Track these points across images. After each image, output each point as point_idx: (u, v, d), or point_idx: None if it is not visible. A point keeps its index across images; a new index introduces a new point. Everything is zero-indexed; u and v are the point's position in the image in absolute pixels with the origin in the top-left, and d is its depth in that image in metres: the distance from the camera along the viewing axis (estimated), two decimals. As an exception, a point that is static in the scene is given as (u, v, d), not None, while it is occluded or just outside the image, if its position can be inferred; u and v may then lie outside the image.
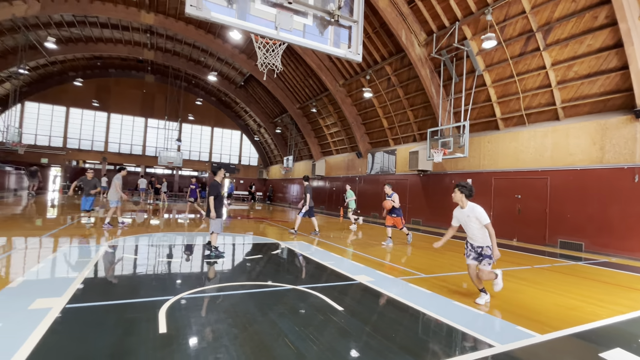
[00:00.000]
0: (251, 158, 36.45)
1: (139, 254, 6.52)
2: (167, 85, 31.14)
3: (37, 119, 28.29)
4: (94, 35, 23.16)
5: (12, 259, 5.63)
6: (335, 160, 22.84)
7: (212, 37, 21.77)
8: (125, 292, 4.29)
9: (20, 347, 2.63)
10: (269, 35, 3.50)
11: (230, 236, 9.47)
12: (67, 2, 18.50)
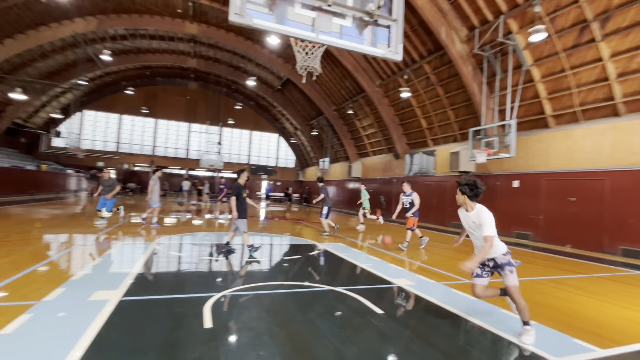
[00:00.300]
0: (288, 160, 37.07)
1: (184, 252, 6.85)
2: (209, 91, 32.55)
3: (94, 126, 30.75)
4: (143, 46, 24.78)
5: (75, 254, 6.14)
6: (372, 162, 22.59)
7: (251, 43, 22.46)
8: (173, 288, 4.52)
9: (82, 336, 2.86)
10: (308, 39, 3.55)
11: (268, 236, 9.67)
12: (120, 17, 19.97)
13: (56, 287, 4.03)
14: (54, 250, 6.41)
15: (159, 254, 6.46)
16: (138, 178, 31.48)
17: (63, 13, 18.23)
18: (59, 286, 4.09)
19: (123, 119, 31.55)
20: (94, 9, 18.88)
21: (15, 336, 2.79)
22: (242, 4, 3.18)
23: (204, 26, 21.41)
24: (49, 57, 21.93)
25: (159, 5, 19.59)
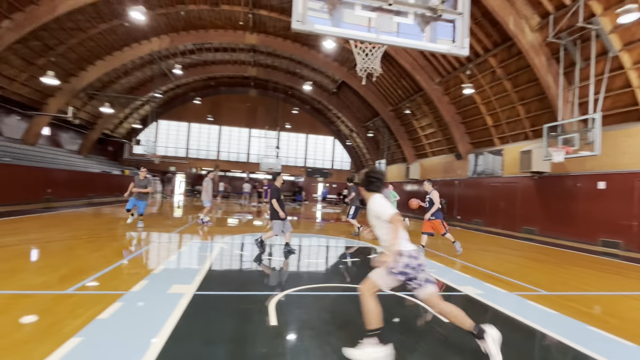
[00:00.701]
0: (343, 162, 37.16)
1: (246, 252, 7.19)
2: (267, 97, 33.96)
3: (167, 134, 33.80)
4: (209, 59, 26.68)
5: (154, 251, 6.78)
6: (431, 163, 21.69)
7: (307, 48, 22.96)
8: (239, 285, 4.77)
9: (164, 324, 3.14)
10: (368, 40, 3.52)
11: (325, 238, 9.75)
12: (189, 34, 21.75)
13: (141, 280, 4.48)
14: (136, 247, 7.15)
15: (225, 253, 6.87)
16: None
17: (142, 34, 20.38)
18: (143, 279, 4.54)
19: (191, 127, 34.23)
20: (167, 28, 20.81)
21: (111, 321, 3.15)
22: (303, 12, 3.27)
23: (262, 36, 22.42)
24: (130, 74, 24.65)
25: (222, 19, 20.95)
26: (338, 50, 20.92)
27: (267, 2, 19.03)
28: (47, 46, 17.11)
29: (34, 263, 5.33)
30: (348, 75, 23.30)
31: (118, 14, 17.70)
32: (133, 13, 13.73)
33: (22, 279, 4.35)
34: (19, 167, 15.24)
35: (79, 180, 20.11)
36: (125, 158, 31.94)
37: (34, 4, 14.44)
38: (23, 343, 2.67)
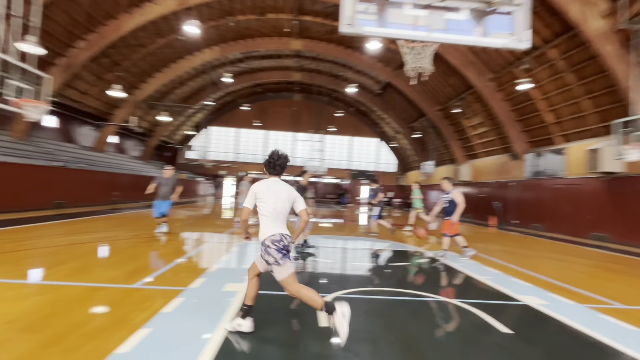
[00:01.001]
0: (389, 164, 36.50)
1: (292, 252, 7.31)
2: (312, 101, 34.44)
3: (217, 139, 35.58)
4: (256, 66, 27.69)
5: (208, 250, 7.15)
6: (483, 164, 20.54)
7: (351, 51, 22.95)
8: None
9: (221, 318, 3.29)
10: (420, 39, 3.44)
11: (370, 241, 9.63)
12: (238, 43, 22.76)
13: (198, 277, 4.75)
14: (193, 246, 7.59)
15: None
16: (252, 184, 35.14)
17: (195, 46, 21.70)
18: (200, 276, 4.81)
19: (240, 132, 35.72)
20: (217, 39, 21.96)
21: (174, 314, 3.38)
22: (352, 15, 3.27)
23: (307, 41, 22.81)
24: (185, 84, 26.35)
25: (268, 27, 21.65)
26: (382, 51, 20.61)
27: (311, 7, 19.34)
28: (114, 62, 18.86)
29: (105, 259, 5.87)
30: (393, 76, 22.91)
31: (174, 29, 19.03)
32: (187, 27, 14.67)
33: (96, 273, 4.81)
34: (91, 172, 16.92)
35: (141, 183, 21.76)
36: (180, 163, 34.13)
37: (104, 24, 16.00)
38: (101, 330, 2.94)
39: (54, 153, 16.47)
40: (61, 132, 19.29)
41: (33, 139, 16.61)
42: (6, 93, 7.99)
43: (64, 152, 17.69)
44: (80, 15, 14.76)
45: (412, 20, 3.54)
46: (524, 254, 8.81)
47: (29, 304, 3.49)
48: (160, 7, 16.36)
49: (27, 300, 3.61)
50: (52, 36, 14.29)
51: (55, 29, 14.20)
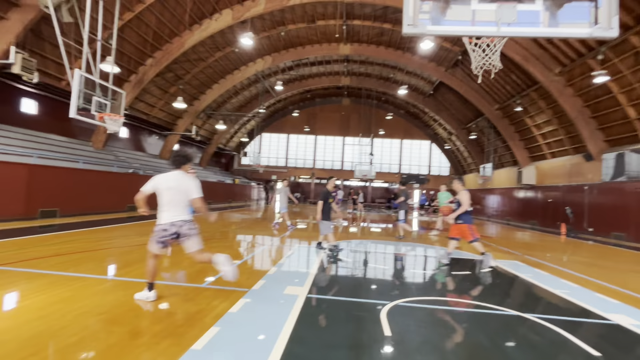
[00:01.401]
0: (442, 168, 35.03)
1: (348, 258, 7.25)
2: (360, 105, 34.27)
3: (269, 145, 36.80)
4: (305, 73, 28.27)
5: (267, 253, 7.36)
6: (551, 166, 18.85)
7: (401, 52, 22.50)
8: (347, 291, 4.82)
9: (285, 322, 3.34)
10: (489, 34, 3.23)
11: (422, 247, 9.24)
12: (289, 52, 23.42)
13: (259, 279, 4.89)
14: (252, 249, 7.87)
15: (327, 258, 7.06)
16: (302, 188, 35.77)
17: (249, 57, 22.74)
18: (261, 279, 4.95)
19: (290, 138, 36.62)
20: (269, 49, 22.80)
21: (240, 315, 3.50)
22: (415, 15, 3.17)
23: (355, 45, 22.81)
24: (239, 94, 27.69)
25: (318, 34, 22.01)
26: (435, 50, 19.93)
27: (360, 11, 19.32)
28: (177, 76, 20.39)
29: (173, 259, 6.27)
30: (446, 75, 22.02)
31: (230, 41, 20.12)
32: (243, 39, 15.41)
33: (167, 272, 5.17)
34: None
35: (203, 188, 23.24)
36: (235, 168, 35.84)
37: (169, 42, 17.40)
38: (176, 327, 3.14)
39: (126, 161, 18.19)
40: (132, 142, 21.26)
41: (109, 148, 18.50)
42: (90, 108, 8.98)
43: (135, 159, 19.46)
44: (148, 35, 16.20)
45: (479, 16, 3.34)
46: (606, 266, 7.88)
47: (114, 298, 3.83)
48: (217, 23, 17.41)
49: (112, 294, 3.98)
50: (125, 55, 15.84)
51: (128, 49, 15.73)
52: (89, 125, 16.35)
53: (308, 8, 19.03)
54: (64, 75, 14.23)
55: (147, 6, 14.64)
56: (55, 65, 13.75)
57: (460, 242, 7.15)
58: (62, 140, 15.28)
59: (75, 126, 16.26)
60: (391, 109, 34.45)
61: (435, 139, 34.59)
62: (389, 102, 33.74)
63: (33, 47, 12.43)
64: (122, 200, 14.36)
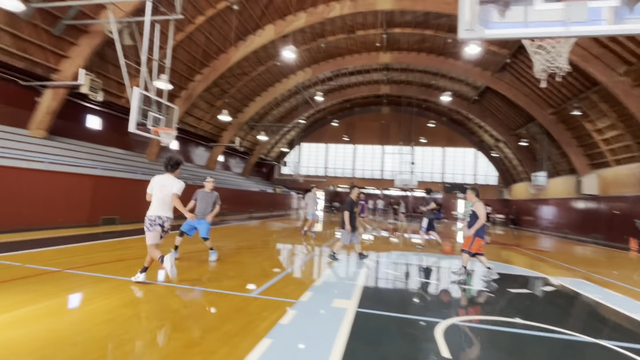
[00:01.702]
0: (488, 177, 33.28)
1: (393, 269, 7.02)
2: (400, 113, 33.72)
3: (308, 155, 37.23)
4: (344, 83, 28.41)
5: (310, 263, 7.34)
6: (615, 174, 17.19)
7: (443, 58, 21.90)
8: (397, 306, 4.64)
9: (335, 339, 3.26)
10: (555, 35, 3.01)
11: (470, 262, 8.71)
12: (328, 63, 23.71)
13: (306, 290, 4.87)
14: (291, 259, 7.91)
15: (373, 270, 6.89)
16: (340, 198, 35.67)
17: (289, 69, 23.33)
18: (307, 290, 4.93)
19: (329, 148, 36.81)
20: (309, 61, 23.24)
21: (291, 327, 3.48)
22: (471, 19, 3.04)
23: (396, 53, 22.57)
24: (280, 105, 28.42)
25: (357, 44, 22.09)
26: (480, 54, 19.13)
27: (401, 19, 19.14)
28: (223, 90, 21.38)
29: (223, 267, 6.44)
30: (493, 80, 21.06)
31: (272, 55, 20.79)
32: (285, 52, 15.83)
33: (218, 280, 5.30)
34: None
35: (244, 197, 23.98)
36: (275, 178, 36.62)
37: (215, 59, 18.34)
38: (231, 336, 3.18)
39: (176, 171, 19.25)
40: (181, 153, 22.49)
41: (162, 160, 19.71)
42: (147, 123, 9.64)
43: (184, 170, 20.54)
44: (197, 53, 17.19)
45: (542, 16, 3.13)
46: None
47: (172, 304, 3.99)
48: (261, 38, 18.09)
49: (170, 300, 4.14)
50: (177, 73, 16.90)
51: (179, 67, 16.78)
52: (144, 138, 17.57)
53: (348, 19, 19.20)
54: (123, 93, 15.48)
55: (197, 26, 15.57)
56: (116, 84, 14.99)
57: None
58: (121, 152, 16.54)
59: (132, 139, 17.54)
60: (432, 116, 33.51)
61: (481, 147, 33.03)
62: (430, 109, 32.87)
63: (98, 69, 13.66)
64: (174, 209, 15.15)
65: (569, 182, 20.57)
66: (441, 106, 30.64)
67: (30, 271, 5.03)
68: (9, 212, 8.98)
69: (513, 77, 20.47)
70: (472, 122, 30.82)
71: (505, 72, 20.54)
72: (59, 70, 12.28)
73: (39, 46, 11.49)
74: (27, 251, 6.54)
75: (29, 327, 3.12)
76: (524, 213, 27.26)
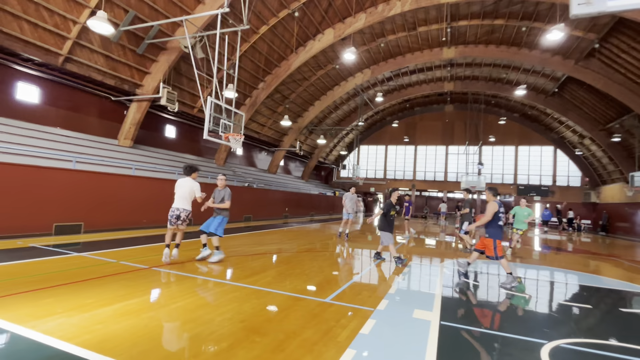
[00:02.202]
0: (570, 177, 29.74)
1: (474, 279, 6.42)
2: (466, 111, 31.70)
3: (367, 157, 36.70)
4: (405, 82, 27.51)
5: (378, 268, 7.05)
6: None
7: (516, 49, 20.10)
8: (485, 320, 4.18)
9: (426, 354, 2.98)
10: None
11: (575, 275, 7.65)
12: (388, 63, 23.14)
13: (382, 298, 4.62)
14: (358, 262, 7.67)
15: (449, 277, 6.38)
16: (399, 201, 34.57)
17: (348, 72, 23.23)
18: (383, 297, 4.67)
19: (388, 149, 35.92)
20: (368, 62, 22.91)
21: (373, 338, 3.28)
22: (590, -12, 2.59)
23: (461, 47, 21.26)
24: (339, 109, 28.43)
25: (419, 41, 21.22)
26: (561, 41, 17.17)
27: (467, 10, 17.98)
28: (284, 96, 21.98)
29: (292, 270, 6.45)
30: (577, 69, 18.80)
31: (331, 59, 20.88)
32: (346, 54, 15.74)
33: (291, 283, 5.28)
34: (268, 191, 19.87)
35: (305, 200, 24.36)
36: (334, 181, 36.72)
37: (277, 66, 18.91)
38: (313, 344, 3.07)
39: (242, 175, 20.19)
40: (246, 158, 23.60)
41: (228, 165, 20.83)
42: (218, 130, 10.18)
43: (249, 174, 21.49)
44: (260, 62, 17.88)
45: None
46: None
47: (250, 306, 4.02)
48: (320, 43, 18.26)
49: (248, 302, 4.18)
50: (242, 82, 17.75)
51: (244, 76, 17.61)
52: (213, 144, 18.76)
53: (408, 16, 18.54)
54: (194, 104, 16.67)
55: (261, 35, 16.20)
56: (189, 95, 16.19)
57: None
58: (194, 158, 17.80)
59: (203, 146, 18.82)
60: (503, 113, 30.96)
61: (561, 144, 29.65)
62: (500, 105, 30.43)
63: (174, 82, 14.87)
64: (240, 211, 15.88)
65: (680, 182, 17.44)
66: (513, 101, 28.19)
67: (125, 267, 5.50)
68: (103, 214, 10.07)
69: (603, 65, 18.04)
70: (550, 118, 27.85)
71: (592, 59, 18.20)
72: (142, 85, 13.59)
73: (126, 64, 12.83)
74: (120, 249, 7.21)
75: (128, 322, 3.32)
76: (617, 218, 23.78)
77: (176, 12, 12.75)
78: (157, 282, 4.92)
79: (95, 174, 10.07)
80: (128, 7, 11.50)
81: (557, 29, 12.27)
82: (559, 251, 12.15)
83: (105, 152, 12.36)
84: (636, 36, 15.04)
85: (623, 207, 23.15)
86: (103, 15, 9.77)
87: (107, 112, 13.65)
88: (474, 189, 26.57)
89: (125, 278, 4.88)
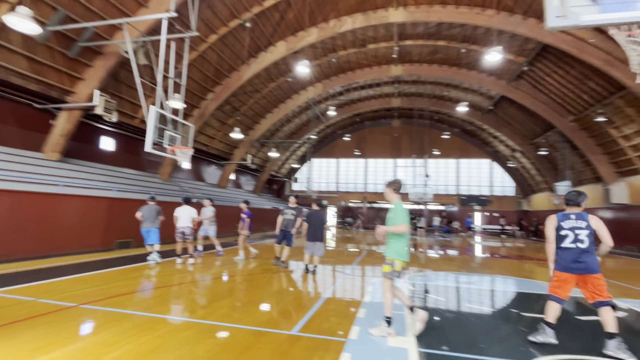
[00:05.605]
0: (505, 188, 32.40)
1: (439, 294, 6.37)
2: (412, 126, 33.29)
3: (319, 171, 36.79)
4: (355, 97, 28.20)
5: (343, 287, 6.72)
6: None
7: (456, 69, 21.58)
8: (464, 344, 4.00)
9: (411, 393, 2.68)
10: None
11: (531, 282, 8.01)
12: (339, 77, 23.54)
13: (351, 325, 4.29)
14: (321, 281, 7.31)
15: (417, 295, 6.26)
16: (352, 213, 35.01)
17: (300, 85, 23.19)
18: (353, 324, 4.34)
19: (340, 162, 36.38)
20: (320, 76, 23.10)
21: (352, 379, 2.90)
22: (564, 4, 2.58)
23: (407, 65, 22.33)
24: (291, 122, 28.21)
25: (368, 58, 21.90)
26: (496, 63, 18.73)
27: (413, 31, 18.94)
28: (234, 108, 21.22)
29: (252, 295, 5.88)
30: (509, 89, 20.62)
31: (283, 71, 20.68)
32: (299, 68, 15.61)
33: (250, 313, 4.73)
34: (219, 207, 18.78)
35: (257, 215, 23.45)
36: (286, 195, 36.13)
37: (228, 77, 18.23)
38: (285, 395, 2.62)
39: (189, 191, 18.90)
40: (193, 173, 22.23)
41: (174, 180, 19.41)
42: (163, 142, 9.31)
43: (197, 189, 20.20)
44: (210, 72, 17.09)
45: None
46: None
47: (205, 348, 3.43)
48: (272, 55, 17.98)
49: (202, 343, 3.58)
50: (189, 91, 16.75)
51: (192, 86, 16.66)
52: (157, 158, 17.34)
53: (359, 33, 19.05)
54: (136, 113, 15.33)
55: (210, 45, 15.50)
56: (129, 105, 14.85)
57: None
58: (135, 173, 16.26)
59: (146, 160, 17.31)
60: (445, 127, 33.03)
61: (496, 157, 32.31)
62: (442, 121, 32.43)
63: (112, 90, 13.53)
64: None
65: (595, 191, 19.71)
66: (454, 117, 30.19)
67: (45, 307, 4.55)
68: (20, 239, 8.59)
69: (530, 86, 20.00)
70: (485, 133, 30.25)
71: (521, 80, 20.10)
72: (73, 93, 12.14)
73: (54, 69, 11.38)
74: (40, 282, 6.08)
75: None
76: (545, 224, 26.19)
77: (115, 15, 11.65)
78: (87, 324, 4.09)
79: (12, 193, 8.60)
80: (57, 5, 10.25)
81: (495, 51, 13.29)
82: (515, 259, 12.86)
83: (27, 167, 10.70)
84: (557, 61, 16.89)
85: (550, 214, 25.57)
86: (24, 12, 8.52)
87: (29, 122, 11.92)
88: (422, 199, 27.75)
89: (45, 322, 3.99)
